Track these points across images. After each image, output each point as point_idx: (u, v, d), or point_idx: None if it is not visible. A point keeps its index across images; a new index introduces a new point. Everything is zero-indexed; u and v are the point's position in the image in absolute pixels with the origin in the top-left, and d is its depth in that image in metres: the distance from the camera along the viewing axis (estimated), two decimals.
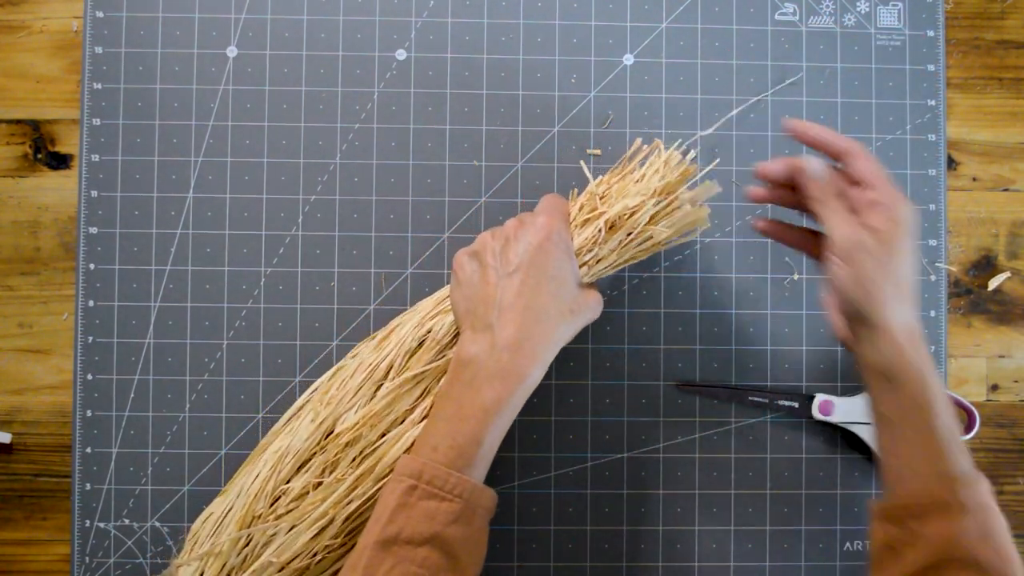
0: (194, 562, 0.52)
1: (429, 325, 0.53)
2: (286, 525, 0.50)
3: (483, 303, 0.47)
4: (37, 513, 0.59)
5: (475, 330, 0.47)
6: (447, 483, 0.45)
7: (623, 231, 0.50)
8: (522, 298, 0.47)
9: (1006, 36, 0.63)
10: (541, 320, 0.47)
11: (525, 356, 0.46)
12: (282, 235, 0.60)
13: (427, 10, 0.61)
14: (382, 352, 0.54)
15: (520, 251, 0.48)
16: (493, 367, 0.46)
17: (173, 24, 0.60)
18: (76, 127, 0.60)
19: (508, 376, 0.46)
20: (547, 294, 0.48)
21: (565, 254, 0.49)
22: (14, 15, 0.61)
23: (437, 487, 0.44)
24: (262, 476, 0.52)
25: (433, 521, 0.44)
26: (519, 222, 0.50)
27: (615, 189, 0.52)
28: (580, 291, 0.50)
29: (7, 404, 0.60)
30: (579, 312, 0.49)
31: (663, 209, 0.51)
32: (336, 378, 0.55)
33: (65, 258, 0.60)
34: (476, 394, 0.46)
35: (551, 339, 0.48)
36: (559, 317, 0.48)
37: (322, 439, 0.53)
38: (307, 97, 0.60)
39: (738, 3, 0.61)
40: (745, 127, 0.61)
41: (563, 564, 0.59)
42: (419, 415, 0.51)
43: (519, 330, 0.46)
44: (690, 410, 0.60)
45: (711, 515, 0.60)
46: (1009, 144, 0.62)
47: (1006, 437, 0.61)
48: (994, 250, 0.62)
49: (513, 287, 0.47)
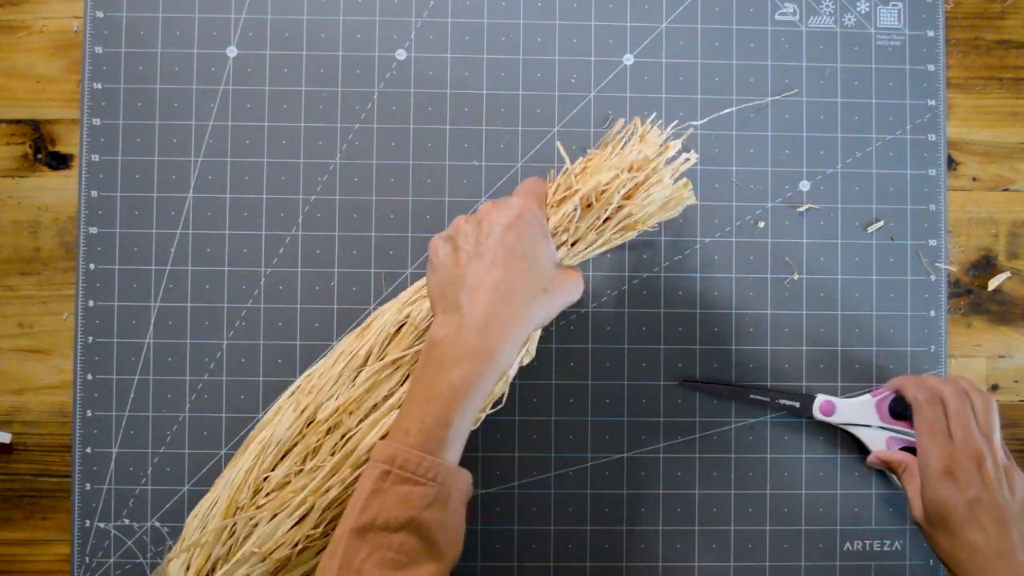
0: (182, 555, 0.52)
1: (408, 311, 0.53)
2: (268, 514, 0.50)
3: (454, 285, 0.47)
4: (37, 513, 0.59)
5: (446, 312, 0.47)
6: (420, 467, 0.44)
7: (599, 207, 0.49)
8: (491, 277, 0.46)
9: (1006, 36, 0.63)
10: (511, 300, 0.46)
11: (494, 335, 0.46)
12: (282, 235, 0.60)
13: (427, 10, 0.61)
14: (363, 340, 0.54)
15: (491, 231, 0.47)
16: (461, 347, 0.45)
17: (173, 24, 0.60)
18: (76, 127, 0.60)
19: (476, 355, 0.45)
20: (518, 272, 0.47)
21: (540, 233, 0.48)
22: (14, 15, 0.61)
23: (410, 471, 0.44)
24: (245, 467, 0.52)
25: (408, 505, 0.43)
26: (492, 204, 0.49)
27: (592, 165, 0.51)
28: (556, 271, 0.49)
29: (7, 404, 0.60)
30: (554, 292, 0.48)
31: (640, 184, 0.50)
32: (318, 368, 0.55)
33: (65, 258, 0.60)
34: (444, 375, 0.45)
35: (522, 319, 0.47)
36: (531, 297, 0.47)
37: (304, 427, 0.52)
38: (307, 97, 0.60)
39: (738, 3, 0.61)
40: (745, 127, 0.61)
41: (563, 564, 0.59)
42: (397, 400, 0.51)
43: (487, 309, 0.46)
44: (690, 410, 0.60)
45: (711, 515, 0.60)
46: (1009, 144, 0.62)
47: (1006, 437, 0.61)
48: (994, 250, 0.62)
49: (483, 267, 0.46)
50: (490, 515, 0.59)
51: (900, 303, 0.61)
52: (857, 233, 0.61)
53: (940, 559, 0.52)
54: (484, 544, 0.59)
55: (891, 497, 0.60)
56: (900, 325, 0.61)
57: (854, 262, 0.61)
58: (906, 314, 0.61)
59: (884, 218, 0.61)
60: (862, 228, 0.61)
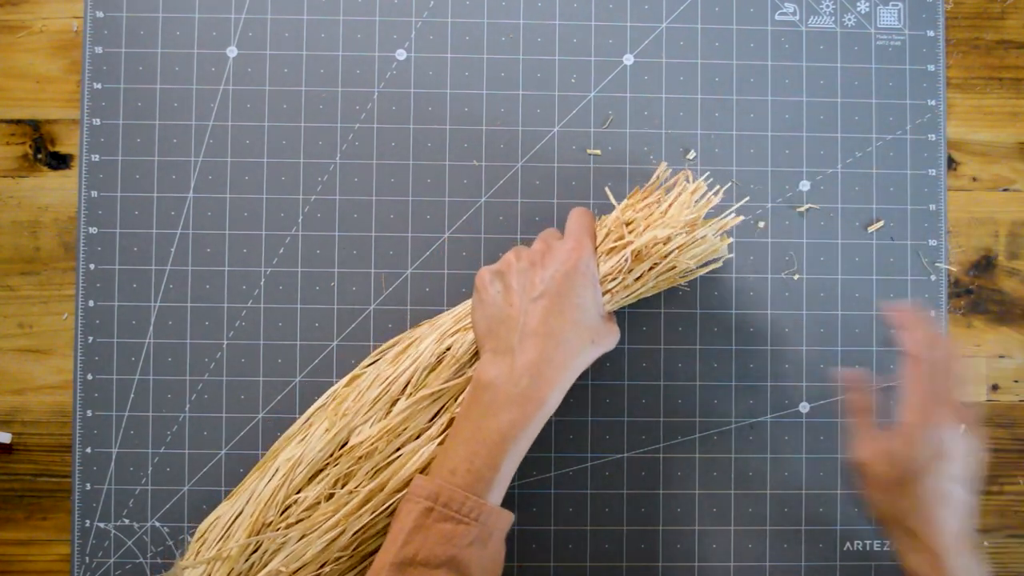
0: (200, 565, 0.51)
1: (448, 342, 0.53)
2: (297, 534, 0.50)
3: (505, 325, 0.48)
4: (37, 513, 0.59)
5: (496, 352, 0.48)
6: (464, 506, 0.45)
7: (648, 261, 0.51)
8: (545, 325, 0.47)
9: (1006, 36, 0.63)
10: (562, 347, 0.47)
11: (545, 382, 0.47)
12: (282, 235, 0.60)
13: (427, 10, 0.61)
14: (399, 366, 0.53)
15: (547, 277, 0.48)
16: (512, 391, 0.46)
17: (173, 24, 0.60)
18: (76, 127, 0.60)
19: (527, 401, 0.46)
20: (570, 322, 0.48)
21: (591, 283, 0.49)
22: (14, 15, 0.61)
23: (454, 510, 0.45)
24: (273, 483, 0.52)
25: (450, 543, 0.44)
26: (546, 246, 0.50)
27: (641, 216, 0.52)
28: (601, 321, 0.50)
29: (7, 404, 0.60)
30: (599, 343, 0.50)
31: (689, 241, 0.51)
32: (352, 388, 0.55)
33: (65, 258, 0.60)
34: (494, 418, 0.46)
35: (570, 366, 0.48)
36: (580, 345, 0.48)
37: (336, 450, 0.52)
38: (307, 97, 0.60)
39: (738, 3, 0.61)
40: (745, 127, 0.61)
41: (563, 564, 0.59)
42: (436, 431, 0.51)
43: (540, 356, 0.47)
44: (690, 410, 0.60)
45: (711, 515, 0.60)
46: (1009, 144, 0.62)
47: (1006, 437, 0.61)
48: (994, 250, 0.62)
49: (537, 313, 0.47)
50: None
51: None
52: (857, 233, 0.61)
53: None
54: None
55: None
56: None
57: (854, 262, 0.61)
58: None
59: (884, 218, 0.61)
60: (862, 228, 0.61)
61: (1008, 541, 0.61)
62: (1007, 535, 0.61)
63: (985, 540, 0.61)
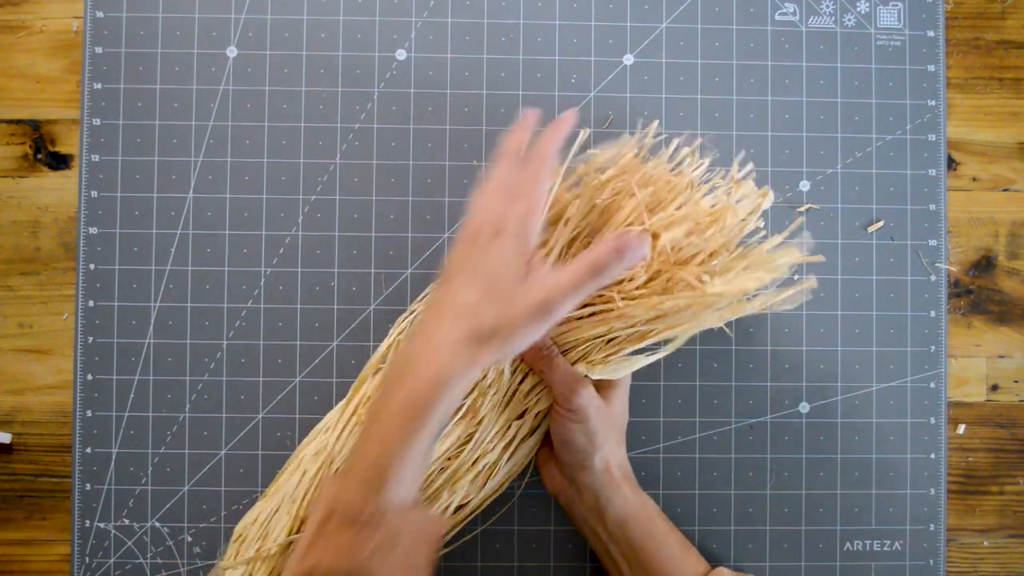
0: (240, 565, 0.51)
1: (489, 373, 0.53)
2: None
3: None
4: (37, 513, 0.59)
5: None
6: (363, 512, 0.40)
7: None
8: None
9: (1006, 36, 0.63)
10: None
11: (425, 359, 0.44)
12: (282, 235, 0.60)
13: (427, 10, 0.61)
14: None
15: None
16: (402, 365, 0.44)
17: (173, 24, 0.60)
18: (76, 127, 0.60)
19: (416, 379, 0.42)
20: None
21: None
22: (14, 15, 0.61)
23: (352, 516, 0.40)
24: (308, 476, 0.52)
25: (349, 555, 0.39)
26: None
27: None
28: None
29: (7, 404, 0.60)
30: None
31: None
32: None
33: (65, 258, 0.60)
34: (389, 398, 0.42)
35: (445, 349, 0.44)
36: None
37: None
38: (307, 97, 0.60)
39: (738, 3, 0.61)
40: (745, 127, 0.61)
41: (563, 564, 0.59)
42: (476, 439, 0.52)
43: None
44: (690, 410, 0.60)
45: (711, 515, 0.60)
46: (1009, 144, 0.62)
47: (1006, 437, 0.61)
48: (994, 250, 0.62)
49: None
50: (490, 515, 0.59)
51: (900, 303, 0.61)
52: (857, 233, 0.61)
53: None
54: (484, 544, 0.59)
55: (891, 497, 0.60)
56: (900, 325, 0.61)
57: (854, 262, 0.61)
58: (906, 314, 0.61)
59: (884, 218, 0.61)
60: (862, 228, 0.61)
61: (1008, 541, 0.61)
62: (1007, 535, 0.61)
63: (985, 540, 0.61)
